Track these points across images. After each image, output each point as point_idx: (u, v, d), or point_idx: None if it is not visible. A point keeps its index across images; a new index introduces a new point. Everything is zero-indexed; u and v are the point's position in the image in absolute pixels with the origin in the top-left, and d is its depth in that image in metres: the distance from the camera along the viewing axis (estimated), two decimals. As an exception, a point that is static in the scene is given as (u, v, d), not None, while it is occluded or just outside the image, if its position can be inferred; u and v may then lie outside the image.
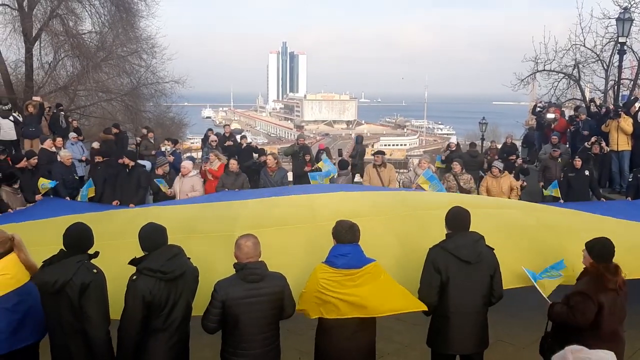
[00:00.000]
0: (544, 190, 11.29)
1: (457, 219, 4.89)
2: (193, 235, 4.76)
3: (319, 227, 5.83)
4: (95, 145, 14.32)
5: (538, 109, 17.84)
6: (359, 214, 4.75)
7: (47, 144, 12.09)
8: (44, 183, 9.60)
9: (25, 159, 9.85)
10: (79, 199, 9.87)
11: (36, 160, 10.05)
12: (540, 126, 17.28)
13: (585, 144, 13.11)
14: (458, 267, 4.71)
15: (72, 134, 14.28)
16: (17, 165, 9.58)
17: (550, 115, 16.29)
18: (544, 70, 22.12)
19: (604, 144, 12.72)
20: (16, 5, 21.72)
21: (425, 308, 4.64)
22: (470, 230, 4.90)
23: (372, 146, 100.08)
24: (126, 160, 10.51)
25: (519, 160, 13.98)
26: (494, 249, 4.89)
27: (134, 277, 4.31)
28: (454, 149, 14.57)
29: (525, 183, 12.14)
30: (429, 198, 7.43)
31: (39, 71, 23.29)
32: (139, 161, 11.53)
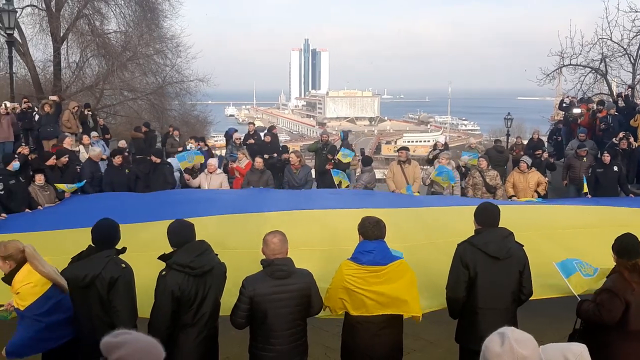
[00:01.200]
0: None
1: (486, 215, 4.85)
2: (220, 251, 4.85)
3: (342, 250, 5.78)
4: (122, 144, 14.47)
5: (565, 104, 17.60)
6: None
7: (67, 143, 12.16)
8: (69, 185, 9.63)
9: (54, 157, 9.99)
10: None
11: (67, 159, 10.17)
12: (567, 121, 17.05)
13: (613, 139, 12.89)
14: (486, 262, 4.67)
15: (93, 133, 14.48)
16: (47, 163, 9.72)
17: (576, 110, 16.06)
18: (570, 64, 21.79)
19: (632, 139, 12.49)
20: (44, 6, 22.14)
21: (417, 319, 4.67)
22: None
23: (395, 143, 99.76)
24: (153, 158, 11.26)
25: (545, 154, 13.79)
26: (523, 246, 4.83)
27: (163, 272, 4.38)
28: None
29: (548, 179, 11.98)
30: (450, 222, 7.53)
31: (66, 71, 23.69)
32: (168, 159, 12.07)
